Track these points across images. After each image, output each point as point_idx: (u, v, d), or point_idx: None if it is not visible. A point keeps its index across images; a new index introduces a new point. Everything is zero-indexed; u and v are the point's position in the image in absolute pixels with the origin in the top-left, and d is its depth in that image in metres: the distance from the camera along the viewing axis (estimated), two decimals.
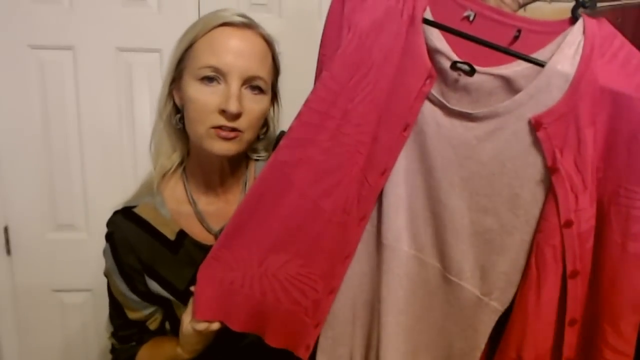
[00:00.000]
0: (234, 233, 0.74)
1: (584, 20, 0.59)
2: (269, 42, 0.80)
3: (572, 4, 0.59)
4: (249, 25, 0.77)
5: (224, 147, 0.77)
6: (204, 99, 0.74)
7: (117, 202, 0.87)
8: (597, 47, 0.57)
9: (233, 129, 0.75)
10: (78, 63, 1.38)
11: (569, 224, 0.60)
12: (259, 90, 0.78)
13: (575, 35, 0.59)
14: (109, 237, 0.85)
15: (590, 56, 0.57)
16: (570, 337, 0.65)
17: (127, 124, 1.44)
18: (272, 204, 0.71)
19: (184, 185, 0.87)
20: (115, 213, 0.86)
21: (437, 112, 0.65)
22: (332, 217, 0.71)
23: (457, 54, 0.63)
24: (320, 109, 0.68)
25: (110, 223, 0.86)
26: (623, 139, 0.58)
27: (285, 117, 1.48)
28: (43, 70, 1.37)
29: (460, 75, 0.62)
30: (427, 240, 0.73)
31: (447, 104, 0.64)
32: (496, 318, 0.71)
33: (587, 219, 0.61)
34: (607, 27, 0.58)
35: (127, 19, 1.37)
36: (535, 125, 0.60)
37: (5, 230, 1.46)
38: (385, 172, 0.68)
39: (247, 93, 0.76)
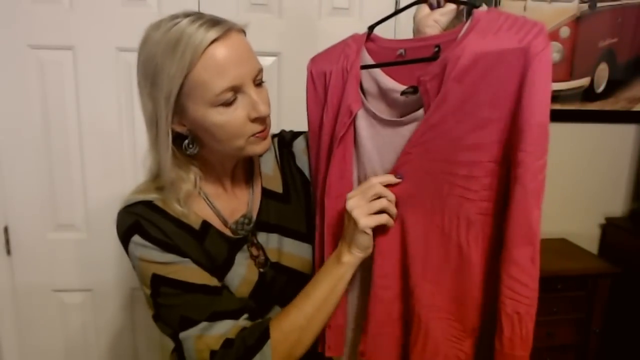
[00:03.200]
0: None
1: (472, 15, 0.69)
2: (244, 31, 0.79)
3: (572, 4, 0.60)
4: (229, 28, 0.73)
5: (266, 146, 0.80)
6: (231, 118, 0.74)
7: (117, 202, 0.83)
8: (478, 30, 0.67)
9: (265, 127, 0.79)
10: (78, 63, 1.38)
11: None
12: (262, 80, 0.79)
13: (462, 29, 0.70)
14: (135, 228, 0.77)
15: (466, 36, 0.68)
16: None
17: (127, 124, 1.44)
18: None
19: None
20: (130, 206, 0.79)
21: (375, 124, 0.81)
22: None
23: (402, 83, 0.78)
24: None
25: (129, 214, 0.78)
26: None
27: (287, 115, 1.50)
28: (43, 70, 1.38)
29: (407, 97, 0.76)
30: None
31: (383, 116, 0.80)
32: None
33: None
34: (493, 13, 0.68)
35: (127, 19, 1.37)
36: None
37: (5, 230, 1.46)
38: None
39: (258, 89, 0.77)
